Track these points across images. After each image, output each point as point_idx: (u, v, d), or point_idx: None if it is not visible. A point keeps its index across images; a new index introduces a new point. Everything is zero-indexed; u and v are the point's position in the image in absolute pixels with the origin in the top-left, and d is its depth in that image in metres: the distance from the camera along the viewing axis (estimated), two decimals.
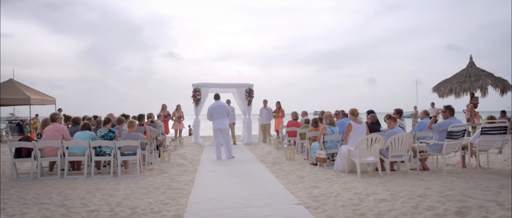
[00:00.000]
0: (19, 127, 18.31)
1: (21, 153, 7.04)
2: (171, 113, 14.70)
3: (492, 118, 7.29)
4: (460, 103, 16.66)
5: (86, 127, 7.53)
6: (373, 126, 8.09)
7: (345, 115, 8.92)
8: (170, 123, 14.85)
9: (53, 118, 7.35)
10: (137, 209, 4.73)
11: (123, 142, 7.16)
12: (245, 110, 15.29)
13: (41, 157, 7.07)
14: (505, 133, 6.97)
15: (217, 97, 10.25)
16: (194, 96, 14.62)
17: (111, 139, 7.33)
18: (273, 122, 15.10)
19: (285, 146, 9.78)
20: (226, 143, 10.02)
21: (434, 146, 6.87)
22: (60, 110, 20.05)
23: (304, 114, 12.20)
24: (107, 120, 7.63)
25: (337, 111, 9.34)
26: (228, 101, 15.07)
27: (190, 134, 16.97)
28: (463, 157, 7.43)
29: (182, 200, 5.28)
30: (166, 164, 8.67)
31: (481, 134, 6.93)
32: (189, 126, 16.39)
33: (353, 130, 7.14)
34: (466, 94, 14.98)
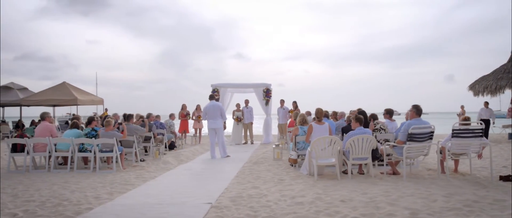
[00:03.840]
0: (67, 124, 20.27)
1: (17, 148, 7.96)
2: (191, 112, 15.30)
3: (467, 119, 6.59)
4: (496, 102, 15.01)
5: (74, 126, 8.27)
6: (349, 127, 7.76)
7: (326, 116, 8.67)
8: (191, 122, 15.46)
9: (43, 117, 8.22)
10: (65, 202, 5.15)
11: (100, 139, 7.75)
12: (264, 109, 15.40)
13: (34, 152, 7.94)
14: (481, 136, 6.30)
15: (211, 97, 10.54)
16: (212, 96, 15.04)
17: (93, 137, 7.97)
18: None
19: (274, 146, 9.74)
20: (220, 142, 10.26)
21: (398, 148, 6.44)
22: (106, 109, 21.79)
23: (308, 113, 11.96)
24: (91, 119, 8.31)
25: None
26: (247, 102, 15.33)
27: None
28: (442, 162, 6.85)
29: (117, 194, 5.63)
30: (154, 161, 9.13)
31: (452, 137, 6.34)
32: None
33: (314, 131, 6.96)
34: (503, 93, 13.53)
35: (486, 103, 17.30)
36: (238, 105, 15.31)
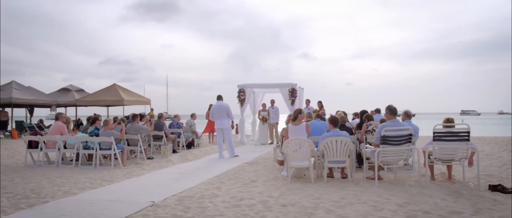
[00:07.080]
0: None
1: (32, 145, 8.80)
2: None
3: (449, 120, 5.89)
4: None
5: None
6: (343, 127, 7.39)
7: (319, 116, 8.35)
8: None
9: (56, 117, 8.97)
10: (33, 194, 5.60)
11: (99, 138, 8.27)
12: (289, 109, 15.21)
13: (47, 148, 8.72)
14: (467, 139, 5.61)
15: (219, 98, 10.65)
16: (238, 96, 15.20)
17: (96, 135, 8.53)
18: None
19: (274, 146, 9.58)
20: (228, 142, 10.34)
21: (375, 152, 5.99)
22: (152, 109, 23.10)
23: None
24: (95, 119, 8.89)
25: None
26: (272, 101, 15.27)
27: (236, 133, 17.65)
28: (431, 167, 6.27)
29: (87, 190, 5.96)
30: (159, 160, 9.49)
31: (434, 140, 5.74)
32: (236, 124, 17.10)
33: (289, 132, 6.74)
34: None
35: None
36: (264, 105, 15.32)
